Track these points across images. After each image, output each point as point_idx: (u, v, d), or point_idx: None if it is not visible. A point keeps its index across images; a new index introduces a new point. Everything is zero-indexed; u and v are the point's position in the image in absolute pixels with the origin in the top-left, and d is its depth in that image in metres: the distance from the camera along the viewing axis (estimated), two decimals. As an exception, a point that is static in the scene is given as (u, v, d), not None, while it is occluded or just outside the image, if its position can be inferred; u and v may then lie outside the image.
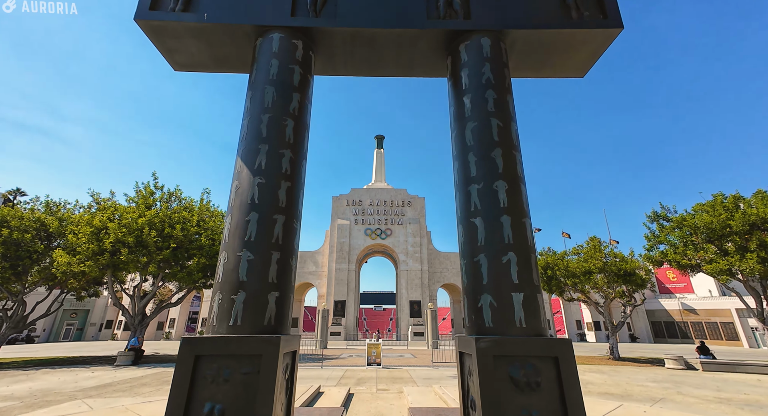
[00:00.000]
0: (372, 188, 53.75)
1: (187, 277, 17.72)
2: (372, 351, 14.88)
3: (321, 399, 7.37)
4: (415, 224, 50.80)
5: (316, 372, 13.10)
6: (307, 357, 18.49)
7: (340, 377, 11.80)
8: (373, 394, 8.78)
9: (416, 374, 12.58)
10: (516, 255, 2.79)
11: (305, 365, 15.14)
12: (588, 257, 18.92)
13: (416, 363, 16.66)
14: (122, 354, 15.68)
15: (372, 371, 13.41)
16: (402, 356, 20.28)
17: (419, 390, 8.86)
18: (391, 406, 7.44)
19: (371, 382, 10.74)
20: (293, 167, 3.26)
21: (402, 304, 47.12)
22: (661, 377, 12.66)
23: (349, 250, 48.74)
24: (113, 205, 17.54)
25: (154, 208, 17.70)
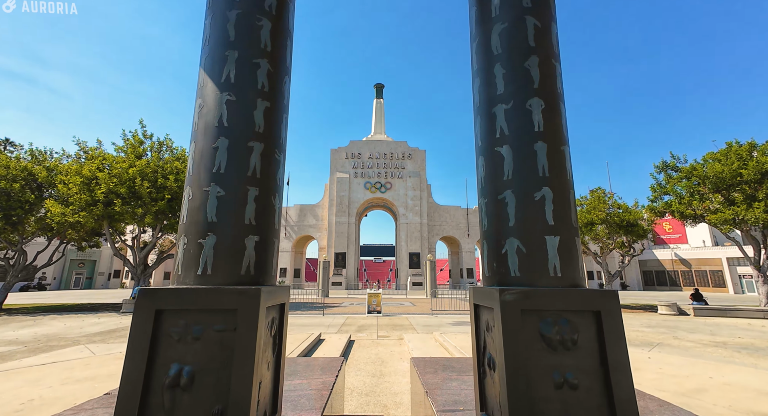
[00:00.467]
0: (371, 141, 52.19)
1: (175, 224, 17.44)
2: (372, 299, 15.10)
3: (321, 347, 7.31)
4: (416, 177, 50.10)
5: (318, 319, 13.32)
6: (309, 305, 18.95)
7: (341, 324, 11.97)
8: (373, 341, 8.82)
9: (416, 321, 12.79)
10: (552, 191, 2.24)
11: (307, 313, 15.45)
12: (591, 208, 18.57)
13: (415, 310, 17.06)
14: (127, 301, 15.94)
15: (372, 318, 13.66)
16: (401, 304, 20.83)
17: (419, 337, 8.88)
18: (391, 352, 7.42)
19: (372, 329, 10.87)
20: (272, 82, 2.58)
21: (401, 256, 48.11)
22: (655, 322, 12.91)
23: (348, 203, 48.60)
24: (101, 154, 16.73)
25: (144, 158, 16.91)
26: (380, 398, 4.59)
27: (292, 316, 14.15)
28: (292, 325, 11.54)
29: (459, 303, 18.69)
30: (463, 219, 52.17)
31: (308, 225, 50.81)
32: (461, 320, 13.27)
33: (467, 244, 51.43)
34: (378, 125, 56.93)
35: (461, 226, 51.96)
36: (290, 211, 51.49)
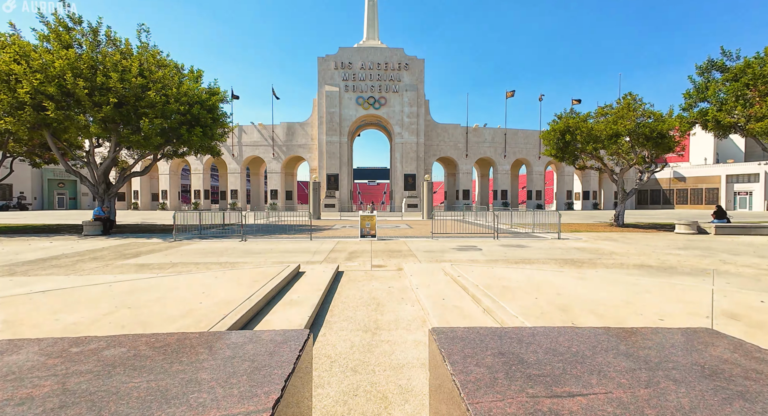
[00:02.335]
0: (363, 48, 45.83)
1: (144, 141, 14.81)
2: (366, 222, 13.45)
3: (296, 287, 5.59)
4: (413, 91, 45.38)
5: (305, 244, 11.77)
6: (296, 227, 17.48)
7: (329, 250, 10.40)
8: (366, 273, 7.19)
9: (415, 246, 11.29)
10: None
11: (293, 237, 13.91)
12: (618, 118, 16.00)
13: (413, 233, 15.67)
14: (88, 223, 14.16)
15: (366, 243, 12.14)
16: (397, 227, 19.51)
17: (423, 267, 7.23)
18: (389, 290, 5.77)
19: (365, 256, 9.30)
20: None
21: (396, 177, 46.25)
22: (681, 243, 11.60)
23: (339, 121, 44.71)
24: (16, 42, 13.11)
25: (73, 49, 13.35)
26: (376, 378, 2.87)
27: (273, 241, 12.58)
28: (270, 252, 9.93)
29: (460, 226, 17.32)
30: (462, 138, 49.12)
31: (297, 145, 47.60)
32: (466, 244, 11.80)
33: (465, 165, 49.35)
34: (371, 28, 49.54)
35: (460, 146, 49.17)
36: (277, 129, 47.67)
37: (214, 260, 8.63)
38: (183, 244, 11.79)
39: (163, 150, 18.85)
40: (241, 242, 12.53)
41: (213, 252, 9.92)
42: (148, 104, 14.32)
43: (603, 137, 15.96)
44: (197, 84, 16.11)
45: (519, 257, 8.98)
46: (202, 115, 15.95)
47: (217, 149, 18.85)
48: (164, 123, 15.02)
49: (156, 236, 14.01)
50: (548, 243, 11.92)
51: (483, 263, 8.14)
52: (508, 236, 14.21)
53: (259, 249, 10.54)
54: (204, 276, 5.55)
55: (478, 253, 9.80)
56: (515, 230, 16.05)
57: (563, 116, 18.01)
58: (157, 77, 14.60)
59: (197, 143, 15.92)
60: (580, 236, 14.03)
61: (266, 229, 17.17)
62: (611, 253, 9.64)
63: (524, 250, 10.34)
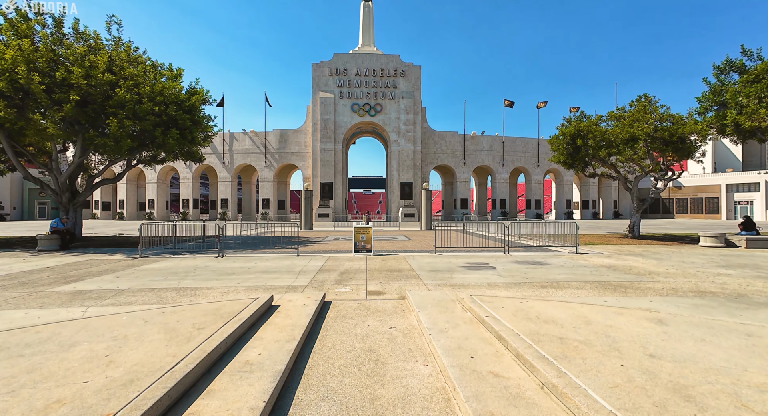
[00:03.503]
0: (359, 54, 44.91)
1: (113, 145, 13.24)
2: (360, 235, 11.91)
3: (263, 331, 4.04)
4: (409, 98, 44.35)
5: (290, 261, 10.19)
6: (285, 240, 15.88)
7: (317, 269, 8.84)
8: (360, 303, 5.65)
9: (417, 263, 9.76)
10: None
11: (278, 252, 12.32)
12: (633, 120, 14.77)
13: (413, 246, 14.14)
14: (43, 237, 12.44)
15: (361, 259, 10.59)
16: (395, 239, 17.98)
17: (433, 297, 5.70)
18: (391, 333, 4.24)
19: (359, 278, 7.75)
20: None
21: (393, 186, 44.87)
22: (718, 259, 10.20)
23: (334, 128, 43.42)
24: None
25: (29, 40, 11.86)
26: None
27: (255, 258, 10.97)
28: (247, 272, 8.33)
29: (464, 238, 15.85)
30: (460, 146, 48.02)
31: (291, 153, 46.15)
32: (475, 260, 10.30)
33: (462, 173, 48.15)
34: (366, 34, 48.78)
35: (457, 154, 48.04)
36: (269, 137, 46.24)
37: (174, 284, 7.02)
38: (147, 262, 10.15)
39: (140, 155, 17.30)
40: (217, 258, 10.92)
41: (177, 273, 8.31)
42: (117, 103, 12.82)
43: (618, 141, 14.70)
44: (175, 83, 14.63)
45: (544, 279, 7.49)
46: (179, 116, 14.46)
47: (199, 154, 17.33)
48: (136, 125, 13.52)
49: (122, 252, 12.34)
50: (568, 259, 10.47)
51: (504, 288, 6.63)
52: (519, 249, 12.75)
53: (234, 268, 8.95)
54: (130, 319, 3.97)
55: (493, 273, 8.30)
56: (525, 243, 14.61)
57: (572, 120, 16.78)
58: (128, 74, 13.12)
59: (173, 146, 14.38)
60: (599, 250, 12.60)
61: (250, 242, 15.56)
62: (650, 273, 8.18)
63: (545, 268, 8.86)
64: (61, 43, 12.68)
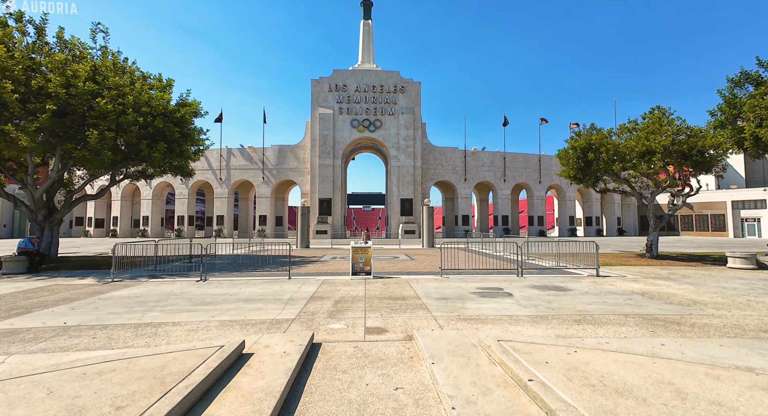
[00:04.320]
0: (359, 70, 44.93)
1: (92, 158, 12.30)
2: (359, 256, 10.80)
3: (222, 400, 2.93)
4: (409, 114, 44.03)
5: (279, 286, 9.05)
6: (278, 260, 14.73)
7: (309, 297, 7.70)
8: (357, 347, 4.53)
9: (423, 289, 8.63)
10: None
11: (268, 275, 11.17)
12: (649, 133, 13.94)
13: (416, 268, 13.00)
14: (8, 259, 11.29)
15: (359, 284, 9.45)
16: (396, 258, 16.83)
17: (448, 339, 4.59)
18: (397, 399, 3.14)
19: (356, 309, 6.63)
20: None
21: (392, 202, 43.93)
22: (762, 284, 9.09)
23: (333, 144, 42.87)
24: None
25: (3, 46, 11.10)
26: None
27: (241, 281, 9.82)
28: (226, 302, 7.18)
29: (470, 258, 14.72)
30: (460, 162, 47.41)
31: (289, 169, 45.43)
32: (488, 285, 9.17)
33: (463, 189, 47.33)
34: (366, 52, 49.06)
35: (458, 170, 47.36)
36: (268, 152, 45.63)
37: (135, 319, 5.89)
38: (118, 287, 9.00)
39: (126, 169, 16.36)
40: (198, 282, 9.78)
41: (146, 302, 7.17)
42: (99, 113, 11.97)
43: (633, 155, 13.82)
44: (163, 94, 13.85)
45: (573, 311, 6.36)
46: (168, 128, 13.60)
47: (188, 169, 16.38)
48: (120, 137, 12.63)
49: (96, 275, 11.18)
50: (590, 284, 9.35)
51: (530, 324, 5.51)
52: (533, 271, 11.62)
53: (214, 296, 7.81)
54: (29, 388, 2.83)
55: (511, 302, 7.18)
56: (538, 264, 13.49)
57: (582, 133, 15.97)
58: (112, 83, 12.32)
59: (159, 160, 13.45)
60: (620, 272, 11.49)
61: (240, 263, 14.41)
62: (694, 302, 7.07)
63: (569, 296, 7.73)
64: (41, 51, 11.94)
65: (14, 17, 12.06)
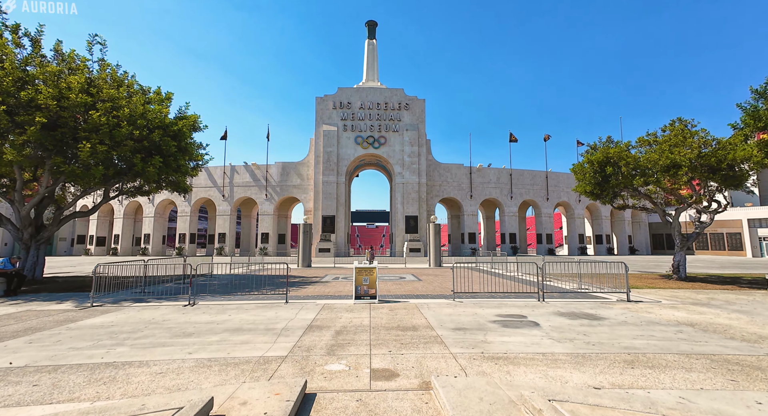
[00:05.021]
0: (363, 88, 45.09)
1: (83, 173, 11.65)
2: (363, 277, 9.84)
3: None
4: (413, 131, 43.76)
5: (273, 312, 8.09)
6: (275, 281, 13.75)
7: (305, 326, 6.73)
8: (360, 401, 3.55)
9: (435, 316, 7.61)
10: None
11: (264, 297, 10.20)
12: (672, 146, 13.08)
13: (425, 290, 11.95)
14: (-18, 284, 10.45)
15: (363, 309, 8.45)
16: (402, 278, 15.77)
17: (477, 392, 3.61)
18: None
19: (360, 342, 5.64)
20: None
21: (397, 219, 43.00)
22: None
23: (337, 160, 42.47)
24: None
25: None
26: None
27: (232, 306, 8.85)
28: (211, 332, 6.22)
29: (483, 279, 13.65)
30: (466, 179, 46.68)
31: (292, 186, 44.94)
32: (508, 312, 8.13)
33: (470, 206, 46.38)
34: (370, 71, 49.43)
35: (463, 186, 46.59)
36: (271, 169, 45.29)
37: (97, 357, 4.95)
38: (95, 313, 8.09)
39: (121, 185, 15.72)
40: (186, 307, 8.84)
41: (119, 333, 6.24)
42: (92, 126, 11.41)
43: (656, 168, 12.93)
44: (161, 107, 13.34)
45: (619, 347, 5.32)
46: (164, 142, 13.02)
47: (185, 184, 15.74)
48: (113, 151, 12.01)
49: (77, 298, 10.29)
50: (624, 311, 8.27)
51: (573, 367, 4.48)
52: (554, 295, 10.54)
53: (198, 325, 6.86)
54: None
55: (540, 334, 6.15)
56: (557, 286, 12.40)
57: (598, 146, 15.16)
58: (106, 95, 11.82)
59: (154, 175, 12.78)
60: (652, 297, 10.38)
61: (236, 283, 13.45)
62: (760, 337, 5.99)
63: (607, 327, 6.68)
64: (34, 63, 11.52)
65: (10, 29, 11.74)
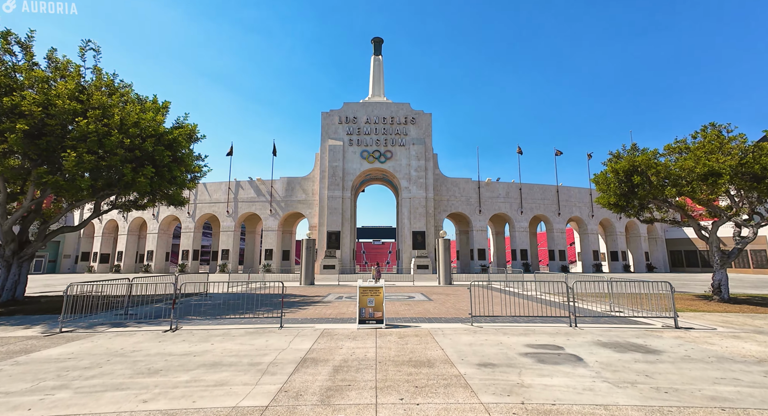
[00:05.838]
0: (369, 103, 44.87)
1: (67, 184, 10.84)
2: (368, 298, 8.65)
3: None
4: (420, 145, 43.09)
5: (263, 339, 6.94)
6: (274, 300, 12.59)
7: (298, 360, 5.57)
8: None
9: (455, 347, 6.39)
10: None
11: (256, 320, 9.04)
12: (706, 152, 11.92)
13: (437, 312, 10.68)
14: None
15: (368, 337, 7.25)
16: (411, 298, 14.48)
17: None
18: None
19: (362, 385, 4.46)
20: None
21: (404, 235, 41.73)
22: None
23: (343, 175, 41.79)
24: None
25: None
26: None
27: (218, 332, 7.70)
28: (183, 369, 5.08)
29: (502, 299, 12.31)
30: (474, 193, 45.52)
31: (297, 201, 44.17)
32: (539, 341, 6.87)
33: (478, 221, 45.00)
34: (376, 86, 49.44)
35: (472, 201, 45.39)
36: (276, 184, 44.70)
37: (25, 405, 3.85)
38: (57, 341, 7.02)
39: (117, 199, 14.94)
40: (165, 333, 7.75)
41: (72, 369, 5.15)
42: (80, 134, 10.68)
43: (691, 177, 11.74)
44: (155, 115, 12.65)
45: (703, 398, 4.07)
46: (157, 152, 12.25)
47: (181, 197, 14.88)
48: (101, 160, 11.23)
49: (51, 322, 9.27)
50: (679, 341, 6.96)
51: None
52: (586, 319, 9.23)
53: (171, 357, 5.75)
54: None
55: (589, 374, 4.91)
56: (587, 308, 11.04)
57: (622, 155, 14.04)
58: (96, 102, 11.15)
59: (145, 186, 11.92)
60: (704, 323, 9.00)
61: (231, 303, 12.32)
62: None
63: (667, 364, 5.41)
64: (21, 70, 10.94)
65: (0, 35, 11.26)
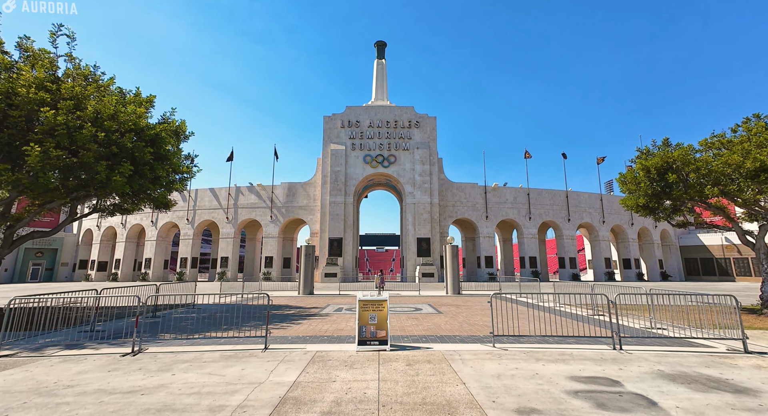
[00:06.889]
0: (372, 106, 43.88)
1: (30, 183, 9.61)
2: (369, 315, 7.24)
3: None
4: (424, 149, 41.86)
5: (238, 367, 5.56)
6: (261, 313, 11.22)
7: (276, 401, 4.16)
8: None
9: (479, 381, 4.96)
10: None
11: (238, 340, 7.65)
12: (756, 144, 10.48)
13: (450, 328, 9.21)
14: None
15: (368, 364, 5.82)
16: (418, 310, 13.00)
17: None
18: None
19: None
20: None
21: (408, 241, 40.24)
22: None
23: (345, 180, 40.58)
24: None
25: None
26: None
27: (188, 357, 6.31)
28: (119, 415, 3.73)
29: (524, 313, 10.81)
30: (481, 199, 44.02)
31: (299, 207, 42.91)
32: (585, 373, 5.43)
33: (485, 228, 43.41)
34: (379, 90, 48.48)
35: (478, 207, 43.86)
36: (277, 190, 43.53)
37: None
38: (-15, 369, 5.68)
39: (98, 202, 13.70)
40: (124, 357, 6.38)
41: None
42: (48, 127, 9.50)
43: (738, 173, 10.31)
44: (135, 107, 11.47)
45: None
46: (138, 148, 11.03)
47: (166, 199, 13.63)
48: (72, 156, 10.02)
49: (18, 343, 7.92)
50: (764, 372, 5.49)
51: None
52: (629, 339, 7.74)
53: (112, 396, 4.38)
54: None
55: None
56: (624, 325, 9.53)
57: (652, 151, 12.63)
58: (67, 92, 9.98)
59: (122, 186, 10.66)
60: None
61: (217, 316, 10.92)
62: None
63: None
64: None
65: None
